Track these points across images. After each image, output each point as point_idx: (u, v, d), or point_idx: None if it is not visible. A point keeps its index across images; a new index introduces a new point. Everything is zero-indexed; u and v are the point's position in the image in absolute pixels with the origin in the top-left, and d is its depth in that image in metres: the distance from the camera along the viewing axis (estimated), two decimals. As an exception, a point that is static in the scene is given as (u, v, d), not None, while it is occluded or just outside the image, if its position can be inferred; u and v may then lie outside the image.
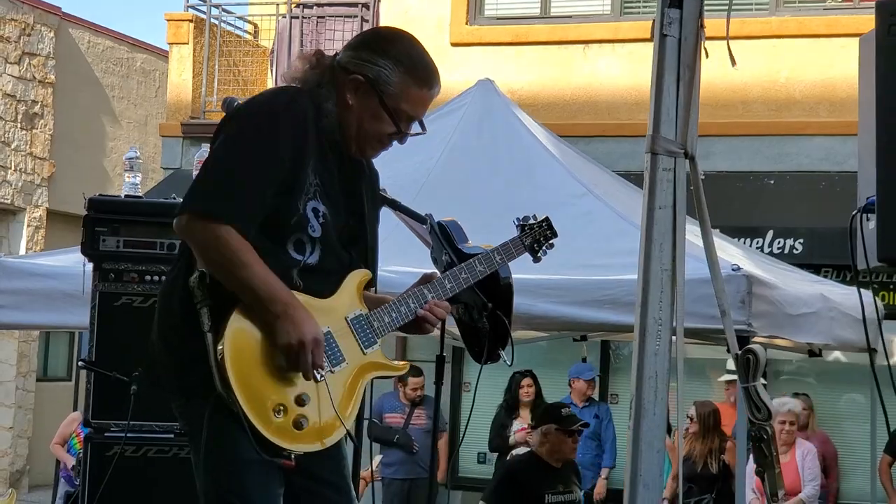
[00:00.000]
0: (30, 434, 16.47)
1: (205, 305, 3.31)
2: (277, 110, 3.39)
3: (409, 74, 3.51)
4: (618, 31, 12.74)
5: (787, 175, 12.21)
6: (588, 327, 7.05)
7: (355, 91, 3.49)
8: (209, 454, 3.35)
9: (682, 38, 4.37)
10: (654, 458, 4.15)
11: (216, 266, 3.28)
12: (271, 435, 3.30)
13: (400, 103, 3.51)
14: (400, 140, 3.61)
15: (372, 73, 3.48)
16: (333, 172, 3.50)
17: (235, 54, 14.33)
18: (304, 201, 3.41)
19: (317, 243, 3.44)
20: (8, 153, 15.94)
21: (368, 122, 3.51)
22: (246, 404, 3.26)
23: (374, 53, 3.51)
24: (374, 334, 3.53)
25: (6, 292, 7.20)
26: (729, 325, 4.49)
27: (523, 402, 10.98)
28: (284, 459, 3.35)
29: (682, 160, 4.28)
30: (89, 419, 5.74)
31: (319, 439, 3.40)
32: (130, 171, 6.07)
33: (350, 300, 3.51)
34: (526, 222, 4.11)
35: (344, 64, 3.52)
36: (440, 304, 3.66)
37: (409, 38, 3.63)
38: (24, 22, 16.08)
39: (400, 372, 3.73)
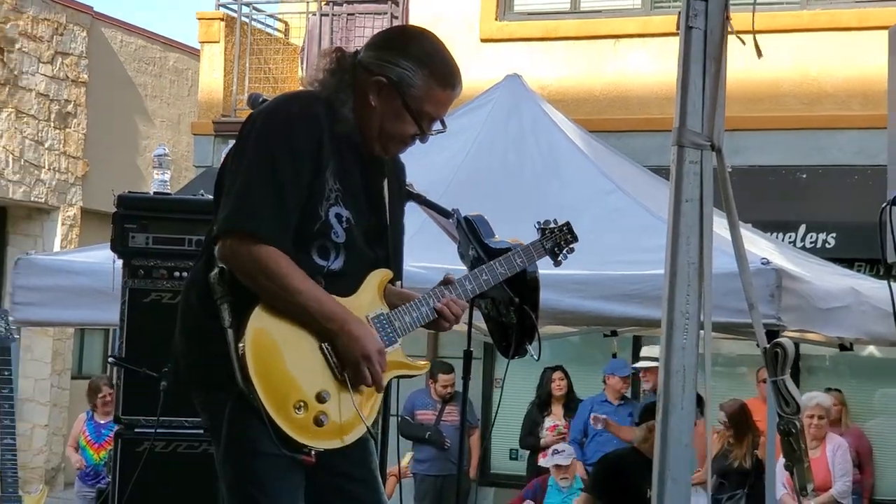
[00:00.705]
0: (64, 432, 16.55)
1: (225, 301, 3.33)
2: (292, 118, 3.39)
3: (431, 75, 3.49)
4: (648, 25, 12.69)
5: (819, 169, 12.14)
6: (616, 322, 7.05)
7: (378, 93, 3.47)
8: (229, 446, 3.38)
9: (708, 30, 4.37)
10: (682, 452, 4.14)
11: (267, 292, 3.30)
12: (291, 431, 3.32)
13: (423, 105, 3.50)
14: (422, 139, 3.60)
15: (395, 75, 3.47)
16: (354, 174, 3.50)
17: (266, 52, 14.37)
18: (326, 207, 3.42)
19: (341, 248, 3.45)
20: (42, 152, 16.04)
21: (391, 123, 3.50)
22: (267, 400, 3.28)
23: (396, 54, 3.49)
24: (395, 333, 3.53)
25: (37, 289, 7.25)
26: (757, 319, 4.47)
27: (556, 397, 10.96)
28: (305, 455, 3.37)
29: (709, 153, 4.26)
30: (119, 415, 5.76)
31: (339, 436, 3.41)
32: (159, 167, 6.09)
33: (371, 299, 3.52)
34: (546, 226, 4.10)
35: (366, 64, 3.51)
36: (457, 301, 3.66)
37: (431, 38, 3.61)
38: (57, 21, 16.17)
39: (420, 371, 3.72)
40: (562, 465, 9.92)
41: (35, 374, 16.29)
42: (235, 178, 3.36)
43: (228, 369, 3.29)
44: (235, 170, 3.38)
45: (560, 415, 10.91)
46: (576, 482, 10.04)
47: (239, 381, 3.28)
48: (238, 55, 14.00)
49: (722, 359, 12.47)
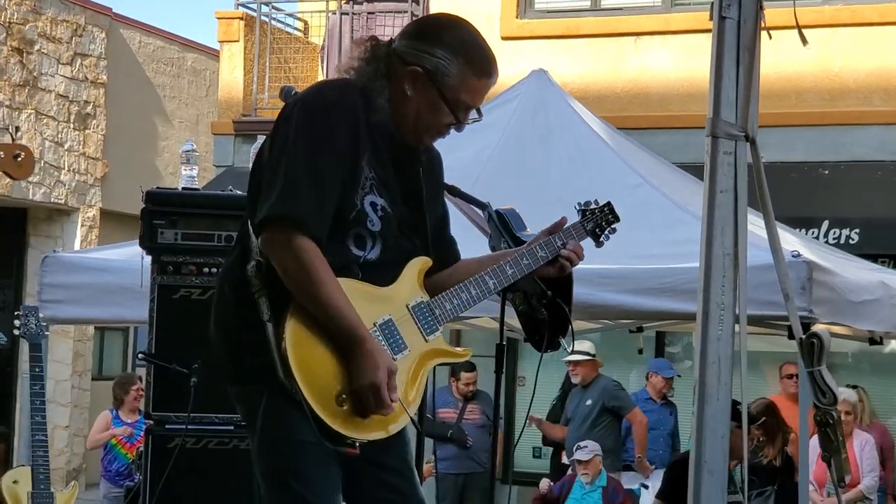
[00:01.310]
0: (86, 433, 16.56)
1: (263, 294, 3.31)
2: (328, 106, 3.37)
3: (467, 65, 3.46)
4: (669, 22, 12.67)
5: (841, 165, 12.11)
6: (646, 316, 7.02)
7: (413, 83, 3.44)
8: (265, 436, 3.36)
9: (742, 20, 4.34)
10: (718, 444, 4.13)
11: (295, 291, 3.27)
12: (335, 424, 3.29)
13: (459, 94, 3.47)
14: (457, 128, 3.58)
15: (430, 65, 3.43)
16: (387, 164, 3.48)
17: (286, 51, 14.38)
18: (361, 196, 3.40)
19: (377, 237, 3.43)
20: (61, 153, 16.07)
21: (427, 113, 3.47)
22: (309, 394, 3.26)
23: (431, 43, 3.46)
24: (436, 321, 3.50)
25: (63, 287, 7.26)
26: (793, 310, 4.46)
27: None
28: (348, 448, 3.34)
29: (743, 143, 4.24)
30: (150, 412, 5.76)
31: (384, 427, 3.39)
32: (187, 163, 6.09)
33: (411, 288, 3.49)
34: (587, 207, 4.07)
35: (401, 54, 3.47)
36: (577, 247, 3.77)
37: (466, 26, 3.58)
38: (76, 23, 16.20)
39: (463, 358, 3.69)
40: (582, 461, 9.90)
41: (55, 376, 16.30)
42: (275, 167, 3.33)
43: (263, 360, 3.28)
44: (274, 159, 3.35)
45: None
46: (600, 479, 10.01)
47: (280, 376, 3.25)
48: (258, 54, 14.01)
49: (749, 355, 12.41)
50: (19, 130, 13.04)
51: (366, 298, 3.37)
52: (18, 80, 15.34)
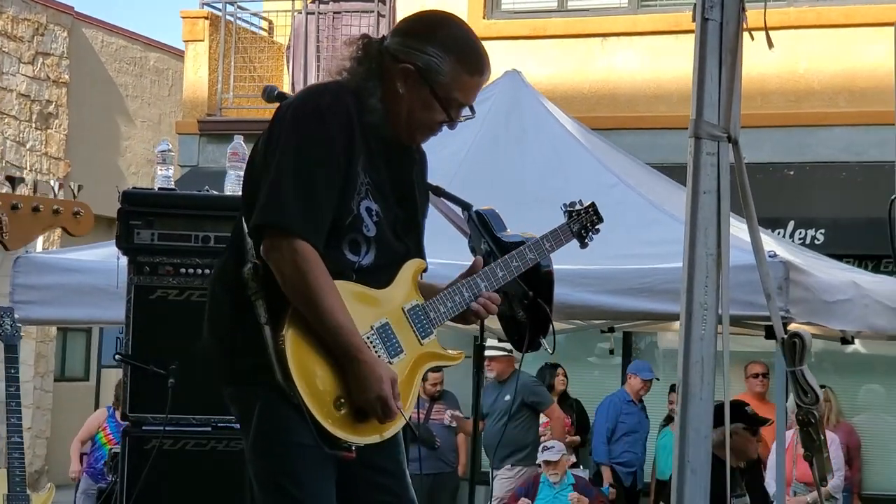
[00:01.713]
0: (48, 434, 16.49)
1: (260, 297, 3.30)
2: (322, 111, 3.34)
3: (459, 62, 3.44)
4: (636, 24, 12.72)
5: (807, 166, 12.19)
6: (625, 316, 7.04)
7: (405, 80, 3.42)
8: (260, 437, 3.34)
9: (724, 21, 4.36)
10: (701, 443, 4.14)
11: (294, 299, 3.26)
12: (333, 427, 3.29)
13: (451, 92, 3.45)
14: (450, 126, 3.56)
15: (422, 62, 3.41)
16: (381, 167, 3.45)
17: (251, 51, 14.33)
18: (357, 201, 3.38)
19: (371, 242, 3.41)
20: (23, 153, 15.95)
21: (419, 110, 3.45)
22: (307, 397, 3.25)
23: (423, 41, 3.44)
24: (431, 324, 3.50)
25: (36, 287, 7.20)
26: (774, 309, 4.48)
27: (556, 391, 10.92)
28: (345, 451, 3.34)
29: (726, 144, 4.26)
30: (127, 413, 5.72)
31: (379, 431, 3.39)
32: (163, 163, 6.05)
33: (406, 290, 3.49)
34: (573, 208, 4.09)
35: (393, 51, 3.45)
36: (492, 297, 3.63)
37: (458, 23, 3.56)
38: (38, 22, 16.09)
39: (456, 361, 3.67)
40: (551, 461, 9.93)
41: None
42: (271, 173, 3.31)
43: (259, 362, 3.26)
44: (269, 164, 3.33)
45: (555, 410, 10.90)
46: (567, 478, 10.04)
47: (279, 379, 3.24)
48: (223, 54, 13.96)
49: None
50: (82, 188, 12.94)
51: (362, 301, 3.37)
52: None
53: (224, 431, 5.65)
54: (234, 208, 5.48)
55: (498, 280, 3.68)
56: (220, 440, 5.65)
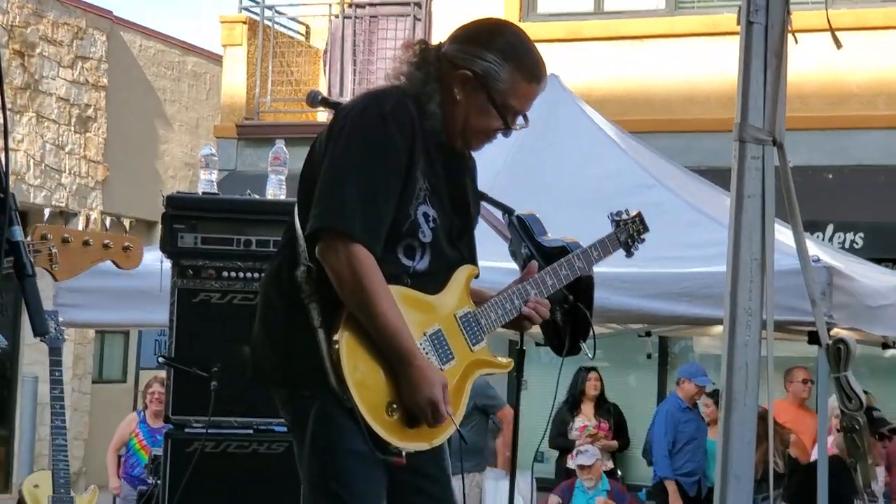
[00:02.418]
0: (85, 436, 16.58)
1: (313, 300, 3.31)
2: (386, 115, 3.35)
3: (517, 69, 3.46)
4: (672, 26, 12.69)
5: (845, 169, 12.13)
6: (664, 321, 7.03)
7: (463, 86, 3.43)
8: (315, 442, 3.35)
9: (769, 25, 4.36)
10: (745, 449, 4.13)
11: (350, 302, 3.27)
12: (385, 432, 3.30)
13: (508, 99, 3.47)
14: (505, 134, 3.59)
15: (480, 69, 3.43)
16: (440, 173, 3.47)
17: (288, 55, 14.37)
18: (415, 206, 3.39)
19: (427, 248, 3.43)
20: (62, 157, 16.05)
21: (476, 117, 3.46)
22: (361, 402, 3.27)
23: (481, 47, 3.45)
24: (482, 331, 3.52)
25: (79, 291, 7.25)
26: (819, 315, 4.48)
27: (588, 397, 10.90)
28: (396, 457, 3.36)
29: (771, 148, 4.25)
30: (169, 415, 5.75)
31: (428, 439, 3.40)
32: (206, 167, 6.08)
33: (458, 297, 3.50)
34: (620, 217, 4.10)
35: (451, 57, 3.47)
36: (542, 302, 3.65)
37: (516, 30, 3.58)
38: (77, 26, 16.19)
39: (506, 369, 3.70)
40: (585, 466, 9.92)
41: (56, 379, 16.28)
42: (330, 176, 3.32)
43: (313, 365, 3.28)
44: (330, 168, 3.33)
45: (590, 415, 10.88)
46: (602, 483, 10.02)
47: (333, 383, 3.26)
48: (260, 58, 14.00)
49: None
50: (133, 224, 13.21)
51: (416, 307, 3.39)
52: (20, 84, 15.31)
53: (265, 434, 5.69)
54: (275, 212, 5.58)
55: (548, 288, 3.70)
56: (262, 443, 5.68)
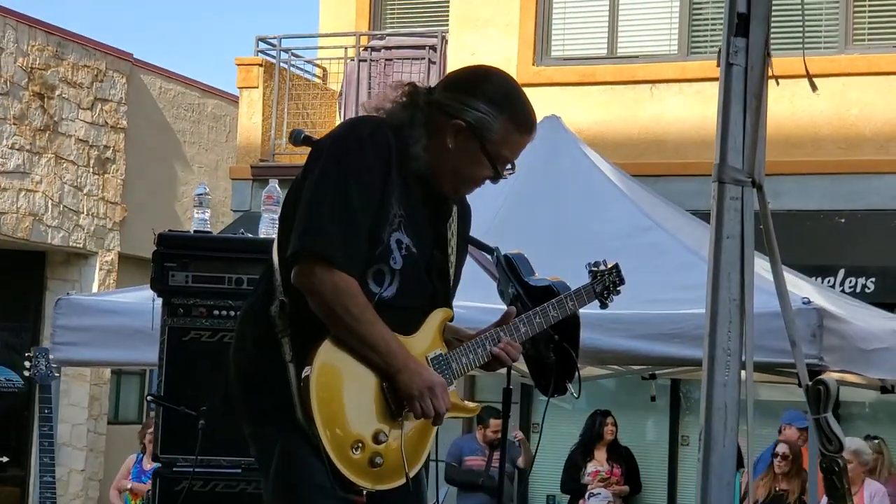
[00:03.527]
0: (101, 477, 16.59)
1: (286, 335, 3.32)
2: (362, 138, 3.37)
3: (511, 121, 3.46)
4: (685, 70, 12.72)
5: (858, 213, 12.10)
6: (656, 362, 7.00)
7: (455, 136, 3.42)
8: (278, 478, 3.34)
9: (749, 66, 4.34)
10: (723, 491, 4.09)
11: (337, 321, 3.27)
12: (348, 471, 3.29)
13: (501, 149, 3.48)
14: (493, 181, 3.59)
15: (473, 119, 3.42)
16: (418, 204, 3.46)
17: (304, 97, 14.46)
18: (389, 232, 3.39)
19: (396, 275, 3.41)
20: (80, 197, 16.15)
21: (466, 165, 3.46)
22: (326, 438, 3.26)
23: (474, 97, 3.44)
24: (452, 375, 3.51)
25: (76, 329, 7.29)
26: (799, 357, 4.44)
27: (604, 441, 10.86)
28: (357, 496, 3.35)
29: (750, 189, 4.24)
30: (158, 454, 5.76)
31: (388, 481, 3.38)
32: (199, 206, 6.12)
33: (431, 339, 3.50)
34: (597, 268, 4.11)
35: (443, 105, 3.46)
36: (513, 344, 3.65)
37: (509, 80, 3.59)
38: (97, 68, 16.33)
39: (472, 413, 3.73)
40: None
41: (72, 419, 16.32)
42: (308, 201, 3.32)
43: (279, 402, 3.28)
44: (308, 193, 3.34)
45: (603, 460, 10.81)
46: (615, 527, 10.00)
47: (299, 417, 3.25)
48: (276, 100, 14.09)
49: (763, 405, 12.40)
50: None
51: None
52: (39, 125, 15.45)
53: (254, 473, 5.63)
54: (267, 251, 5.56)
55: (521, 335, 3.70)
56: (250, 482, 5.67)
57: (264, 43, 14.45)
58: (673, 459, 12.37)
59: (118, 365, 11.86)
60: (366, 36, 14.29)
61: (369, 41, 14.25)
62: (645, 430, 12.70)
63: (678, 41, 13.06)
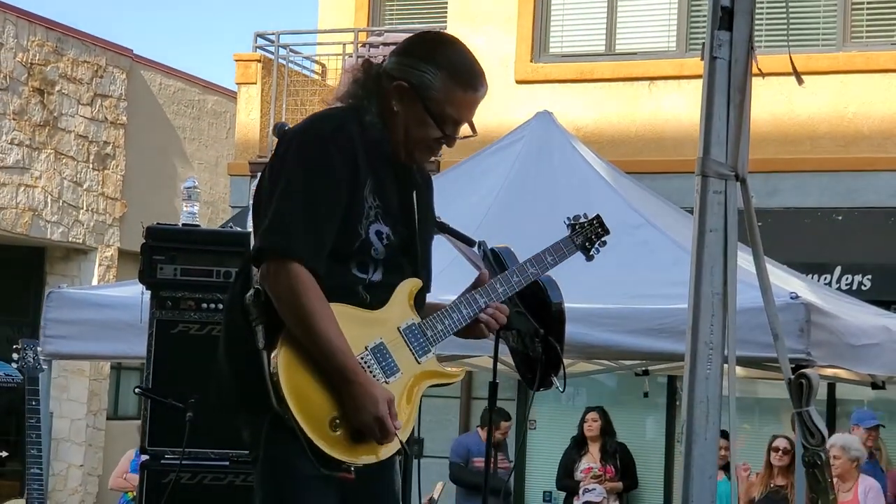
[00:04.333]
0: (100, 472, 16.61)
1: (259, 323, 3.34)
2: (326, 138, 3.39)
3: (452, 78, 3.48)
4: (683, 67, 12.70)
5: (855, 211, 12.09)
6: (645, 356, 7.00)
7: (400, 98, 3.46)
8: (266, 465, 3.37)
9: (733, 60, 4.35)
10: (705, 484, 4.10)
11: (289, 322, 3.29)
12: (329, 448, 3.30)
13: (444, 108, 3.48)
14: (448, 143, 3.59)
15: (415, 79, 3.46)
16: (390, 188, 3.50)
17: (303, 94, 14.45)
18: (366, 225, 3.42)
19: (380, 263, 3.45)
20: (80, 193, 16.17)
21: (415, 127, 3.49)
22: (302, 420, 3.27)
23: (417, 59, 3.49)
24: (428, 343, 3.51)
25: (68, 322, 7.30)
26: (782, 350, 4.43)
27: (590, 437, 10.84)
28: (343, 473, 3.35)
29: (733, 183, 4.24)
30: (146, 446, 5.77)
31: (375, 452, 3.39)
32: (188, 199, 6.14)
33: (402, 310, 3.50)
34: (577, 221, 4.10)
35: (389, 70, 3.50)
36: (500, 308, 3.65)
37: (453, 41, 3.61)
38: (97, 64, 16.34)
39: (455, 379, 3.69)
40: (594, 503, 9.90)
41: (71, 415, 16.35)
42: (272, 199, 3.35)
43: (261, 388, 3.29)
44: (271, 191, 3.37)
45: (597, 457, 10.79)
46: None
47: (273, 403, 3.27)
48: (275, 96, 14.10)
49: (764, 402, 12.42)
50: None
51: (357, 323, 3.39)
52: (39, 121, 15.47)
53: (242, 465, 5.67)
54: (254, 244, 5.60)
55: (498, 295, 3.68)
56: (238, 474, 5.69)
57: (263, 39, 14.45)
58: (669, 456, 12.36)
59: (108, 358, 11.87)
60: (364, 32, 14.29)
61: (368, 37, 14.25)
62: (642, 427, 12.69)
63: (676, 38, 13.05)
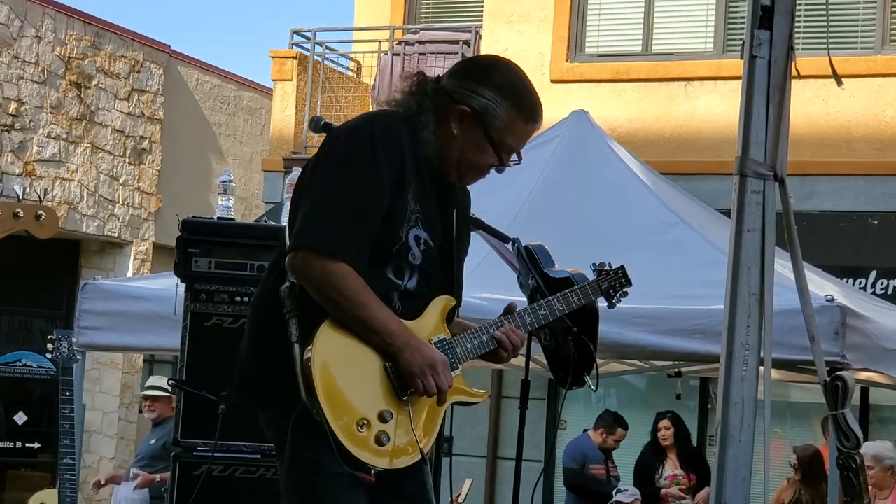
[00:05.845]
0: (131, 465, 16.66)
1: (294, 316, 3.33)
2: (376, 137, 3.38)
3: (515, 108, 3.49)
4: (720, 68, 12.64)
5: (891, 215, 12.00)
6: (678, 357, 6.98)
7: (460, 121, 3.47)
8: (293, 463, 3.38)
9: (772, 59, 4.33)
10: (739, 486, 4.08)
11: (333, 305, 3.30)
12: (353, 448, 3.30)
13: (505, 136, 3.50)
14: (498, 170, 3.61)
15: (478, 105, 3.46)
16: (432, 197, 3.50)
17: (338, 90, 14.47)
18: (407, 229, 3.42)
19: (416, 269, 3.46)
20: (116, 187, 16.24)
21: (471, 152, 3.50)
22: (331, 416, 3.27)
23: (480, 83, 3.49)
24: (457, 360, 3.52)
25: (102, 314, 7.34)
26: (818, 352, 4.41)
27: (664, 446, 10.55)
28: (365, 474, 3.35)
29: (772, 183, 4.21)
30: (178, 438, 5.79)
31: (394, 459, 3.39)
32: (223, 193, 6.16)
33: (434, 324, 3.51)
34: (602, 268, 4.11)
35: (450, 91, 3.50)
36: (516, 331, 3.64)
37: (515, 69, 3.61)
38: (134, 59, 16.41)
39: (479, 399, 3.69)
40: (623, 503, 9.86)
41: (103, 407, 16.42)
42: (315, 194, 3.35)
43: (294, 384, 3.28)
44: (315, 186, 3.38)
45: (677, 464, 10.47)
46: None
47: (303, 395, 3.26)
48: (310, 93, 14.12)
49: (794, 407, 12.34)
50: (48, 193, 13.58)
51: None
52: (76, 115, 15.54)
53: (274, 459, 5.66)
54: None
55: (525, 326, 3.71)
56: (269, 467, 5.70)
57: (299, 36, 14.47)
58: (701, 458, 12.27)
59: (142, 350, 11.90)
60: (400, 30, 14.29)
61: (403, 35, 14.25)
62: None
63: (713, 39, 12.99)
